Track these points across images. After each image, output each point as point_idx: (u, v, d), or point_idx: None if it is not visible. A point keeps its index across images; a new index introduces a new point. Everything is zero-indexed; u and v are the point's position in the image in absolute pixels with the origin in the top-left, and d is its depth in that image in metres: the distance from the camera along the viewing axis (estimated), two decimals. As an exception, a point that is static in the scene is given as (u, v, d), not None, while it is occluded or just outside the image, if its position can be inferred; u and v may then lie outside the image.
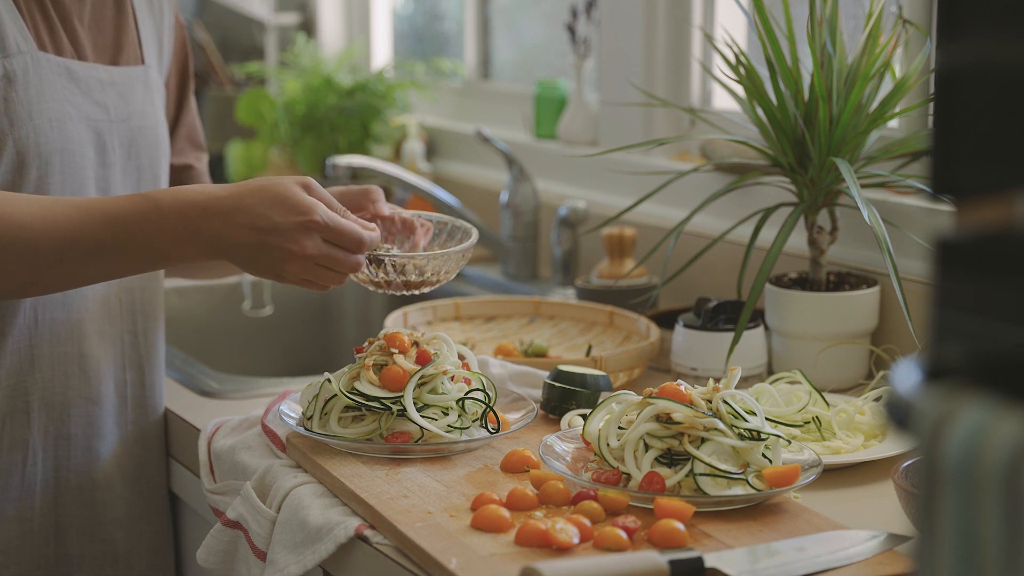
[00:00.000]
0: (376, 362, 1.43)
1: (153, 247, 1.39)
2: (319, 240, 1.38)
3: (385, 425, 1.40)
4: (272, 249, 1.37)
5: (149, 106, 1.63)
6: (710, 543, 1.19)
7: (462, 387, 1.44)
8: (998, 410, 0.67)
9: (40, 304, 1.54)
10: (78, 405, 1.59)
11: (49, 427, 1.57)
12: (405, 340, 1.44)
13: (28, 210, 1.38)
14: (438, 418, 1.41)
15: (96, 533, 1.63)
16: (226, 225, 1.37)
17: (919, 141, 1.70)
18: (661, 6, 2.24)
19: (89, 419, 1.60)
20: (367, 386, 1.41)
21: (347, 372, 1.45)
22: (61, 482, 1.59)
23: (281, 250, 1.37)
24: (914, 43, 1.77)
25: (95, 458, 1.62)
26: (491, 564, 1.15)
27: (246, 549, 1.40)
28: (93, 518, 1.62)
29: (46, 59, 1.50)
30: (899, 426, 0.73)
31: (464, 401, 1.43)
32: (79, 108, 1.53)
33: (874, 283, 1.73)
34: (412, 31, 3.35)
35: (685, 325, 1.71)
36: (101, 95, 1.56)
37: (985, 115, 0.71)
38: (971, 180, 0.73)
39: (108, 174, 1.57)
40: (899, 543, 1.19)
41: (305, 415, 1.45)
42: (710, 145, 2.07)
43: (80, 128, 1.53)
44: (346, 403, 1.41)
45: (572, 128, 2.48)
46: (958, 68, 0.73)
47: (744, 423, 1.28)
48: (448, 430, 1.41)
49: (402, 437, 1.39)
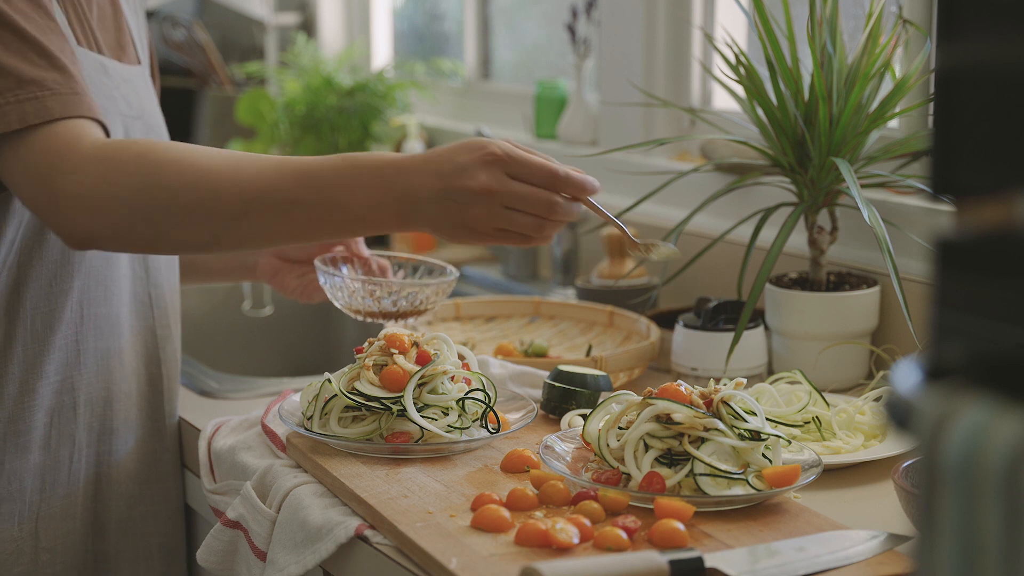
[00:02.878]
0: (376, 362, 1.43)
1: (346, 206, 1.33)
2: (502, 175, 1.31)
3: (385, 425, 1.40)
4: (456, 193, 1.31)
5: (151, 104, 1.64)
6: (710, 543, 1.19)
7: (462, 387, 1.44)
8: (998, 410, 0.67)
9: (86, 299, 1.54)
10: (119, 399, 1.59)
11: (93, 422, 1.58)
12: (405, 340, 1.44)
13: (216, 159, 1.34)
14: (438, 418, 1.41)
15: (130, 528, 1.63)
16: (417, 177, 1.32)
17: (919, 141, 1.70)
18: (661, 6, 2.24)
19: (127, 414, 1.61)
20: (367, 386, 1.41)
21: (347, 372, 1.45)
22: (102, 478, 1.60)
23: (464, 192, 1.30)
24: (914, 43, 1.77)
25: (131, 452, 1.62)
26: (491, 564, 1.15)
27: (246, 549, 1.40)
28: (129, 513, 1.63)
29: (85, 55, 1.50)
30: (899, 426, 0.73)
31: (464, 401, 1.43)
32: (115, 103, 1.54)
33: (874, 283, 1.73)
34: (412, 31, 3.35)
35: (685, 325, 1.71)
36: (127, 91, 1.57)
37: (985, 115, 0.71)
38: (971, 180, 0.73)
39: None
40: (899, 543, 1.19)
41: (305, 415, 1.45)
42: (710, 145, 2.08)
43: (116, 123, 1.53)
44: (346, 403, 1.41)
45: (572, 128, 2.48)
46: (958, 68, 0.73)
47: (744, 423, 1.28)
48: (448, 430, 1.41)
49: (402, 437, 1.39)
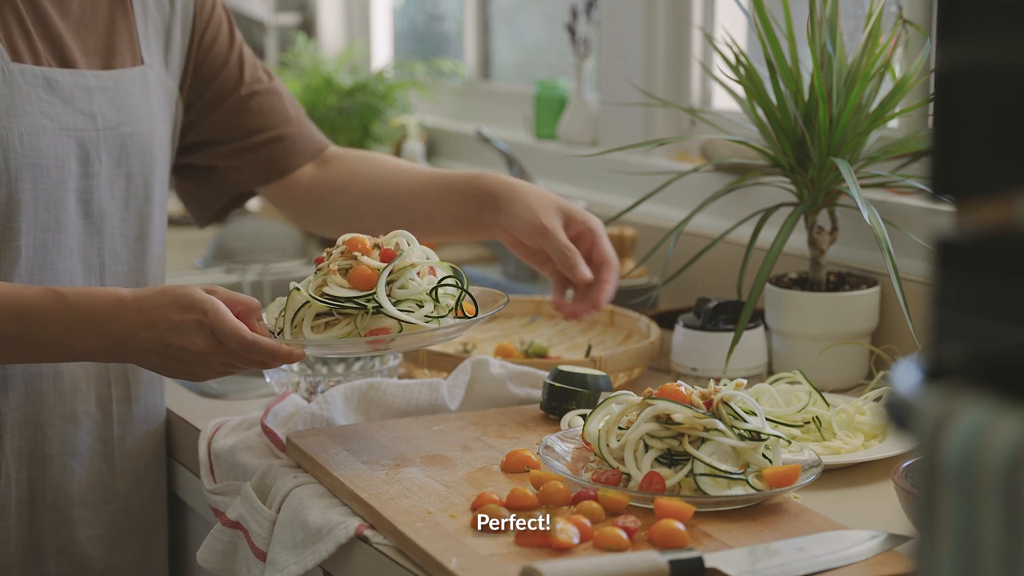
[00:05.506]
0: (341, 267, 1.39)
1: (64, 346, 1.39)
2: (211, 337, 1.35)
3: (361, 324, 1.36)
4: (174, 350, 1.36)
5: (145, 109, 1.59)
6: (710, 543, 1.19)
7: (432, 280, 1.41)
8: (998, 410, 0.67)
9: None
10: (52, 424, 1.56)
11: (23, 447, 1.54)
12: (367, 242, 1.41)
13: None
14: (413, 311, 1.38)
15: (75, 553, 1.60)
16: (131, 328, 1.36)
17: (919, 141, 1.70)
18: (661, 6, 2.24)
19: (64, 437, 1.57)
20: (337, 289, 1.37)
21: (313, 280, 1.40)
22: (36, 502, 1.57)
23: (182, 350, 1.36)
24: (914, 43, 1.77)
25: (71, 476, 1.58)
26: (491, 564, 1.15)
27: (246, 549, 1.40)
28: (71, 538, 1.59)
29: (20, 70, 1.47)
30: (899, 426, 0.73)
31: (437, 291, 1.40)
32: (57, 119, 1.50)
33: (874, 283, 1.73)
34: (412, 31, 3.35)
35: (685, 325, 1.71)
36: (87, 103, 1.53)
37: (985, 115, 0.71)
38: (971, 180, 0.73)
39: (92, 184, 1.54)
40: (899, 543, 1.19)
41: (274, 332, 1.41)
42: (710, 145, 2.08)
43: (57, 140, 1.49)
44: (318, 309, 1.37)
45: (572, 128, 2.48)
46: (958, 68, 0.73)
47: (744, 424, 1.28)
48: (426, 320, 1.37)
49: (380, 333, 1.36)
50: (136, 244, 1.60)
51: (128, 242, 1.60)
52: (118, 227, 1.58)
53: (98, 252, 1.57)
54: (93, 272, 1.56)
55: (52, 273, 1.52)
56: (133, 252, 1.60)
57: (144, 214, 1.61)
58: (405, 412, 1.55)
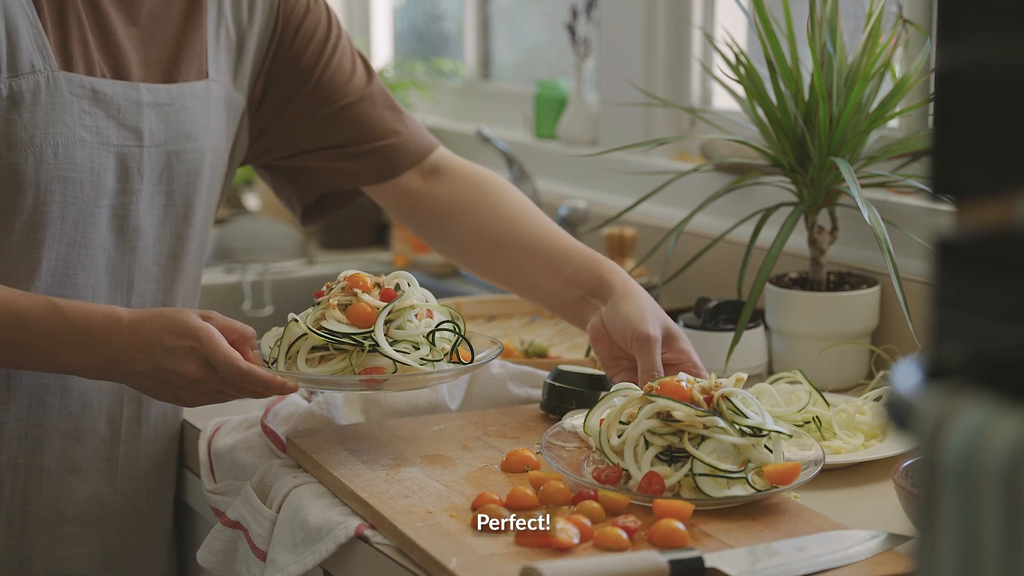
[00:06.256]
0: (340, 302, 1.40)
1: (56, 359, 1.39)
2: (204, 364, 1.35)
3: (356, 362, 1.36)
4: (167, 374, 1.36)
5: (199, 127, 1.54)
6: (710, 543, 1.19)
7: (429, 323, 1.41)
8: (998, 410, 0.67)
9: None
10: (54, 438, 1.53)
11: (20, 458, 1.52)
12: (368, 280, 1.41)
13: None
14: (409, 352, 1.38)
15: (63, 569, 1.56)
16: (125, 349, 1.36)
17: (919, 141, 1.70)
18: (661, 6, 2.24)
19: (65, 452, 1.54)
20: (335, 324, 1.37)
21: (312, 313, 1.40)
22: (30, 516, 1.54)
23: (175, 375, 1.36)
24: (914, 43, 1.77)
25: (68, 492, 1.56)
26: (491, 564, 1.15)
27: (246, 549, 1.40)
28: (61, 554, 1.56)
29: (67, 79, 1.43)
30: (899, 426, 0.73)
31: (434, 335, 1.40)
32: (99, 133, 1.46)
33: (874, 283, 1.73)
34: (412, 31, 3.35)
35: (685, 325, 1.71)
36: (134, 118, 1.49)
37: (985, 115, 0.71)
38: (971, 180, 0.73)
39: (130, 201, 1.50)
40: (899, 543, 1.19)
41: (268, 361, 1.41)
42: (710, 145, 2.08)
43: (95, 155, 1.46)
44: (314, 342, 1.38)
45: (572, 128, 2.48)
46: (958, 68, 0.73)
47: (744, 419, 1.28)
48: (421, 363, 1.38)
49: (375, 372, 1.37)
50: (168, 263, 1.56)
51: (160, 260, 1.56)
52: (152, 245, 1.54)
53: (128, 270, 1.53)
54: (120, 289, 1.53)
55: (73, 288, 1.49)
56: (164, 271, 1.56)
57: (181, 233, 1.57)
58: (405, 412, 1.55)
